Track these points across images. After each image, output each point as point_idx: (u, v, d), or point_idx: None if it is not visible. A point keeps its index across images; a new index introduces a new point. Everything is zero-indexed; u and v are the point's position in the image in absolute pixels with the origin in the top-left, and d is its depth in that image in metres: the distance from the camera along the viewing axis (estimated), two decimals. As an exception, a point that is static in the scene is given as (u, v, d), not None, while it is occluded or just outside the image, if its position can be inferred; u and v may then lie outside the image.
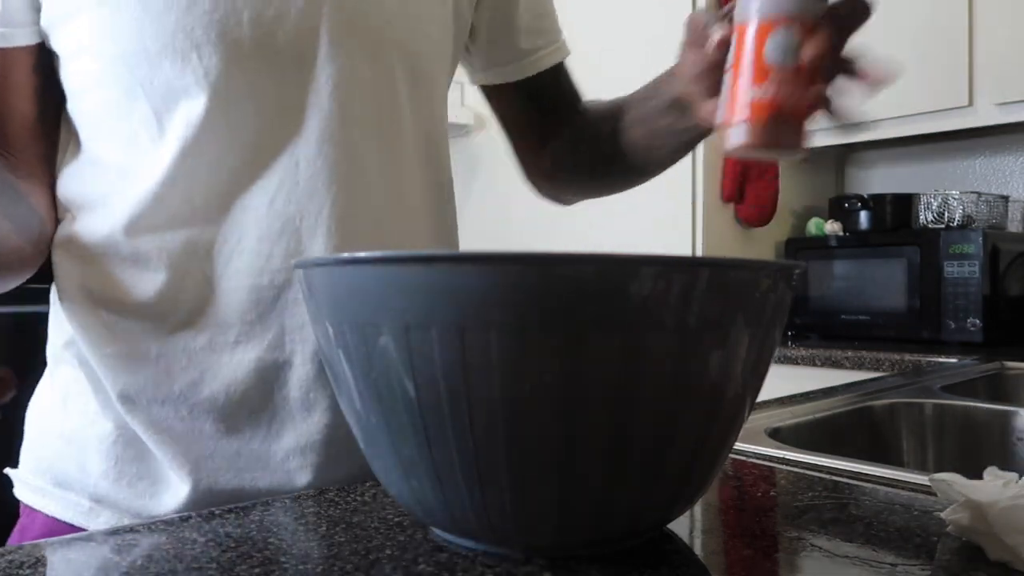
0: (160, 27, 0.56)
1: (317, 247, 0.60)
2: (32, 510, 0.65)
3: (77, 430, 0.64)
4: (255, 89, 0.58)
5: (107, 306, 0.61)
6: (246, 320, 0.60)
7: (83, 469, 0.63)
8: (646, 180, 0.80)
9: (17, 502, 0.67)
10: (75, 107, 0.62)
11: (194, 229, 0.59)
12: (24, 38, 0.60)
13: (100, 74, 0.59)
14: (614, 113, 0.77)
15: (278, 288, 0.60)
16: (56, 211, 0.65)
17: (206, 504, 0.60)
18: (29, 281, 0.64)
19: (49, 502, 0.64)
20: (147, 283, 0.60)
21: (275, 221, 0.59)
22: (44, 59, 0.61)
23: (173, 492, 0.61)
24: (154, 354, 0.60)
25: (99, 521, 0.62)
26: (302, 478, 0.62)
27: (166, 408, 0.60)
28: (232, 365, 0.60)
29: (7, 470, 0.68)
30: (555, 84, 0.83)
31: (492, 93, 0.84)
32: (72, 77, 0.61)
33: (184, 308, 0.60)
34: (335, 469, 0.63)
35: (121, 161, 0.60)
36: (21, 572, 0.40)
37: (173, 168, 0.58)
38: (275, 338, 0.60)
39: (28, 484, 0.66)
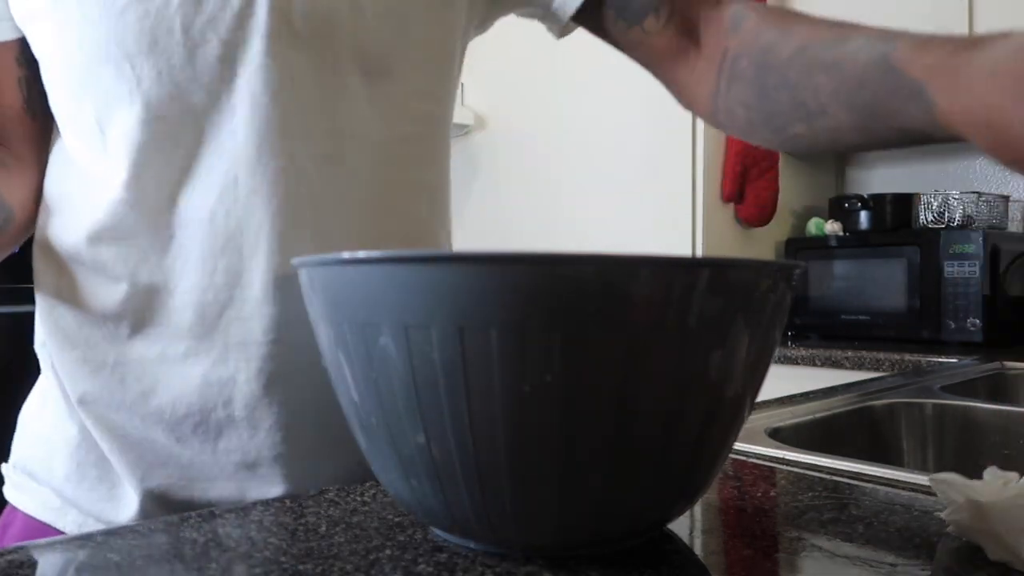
0: (96, 35, 0.55)
1: (258, 265, 0.57)
2: (13, 508, 0.66)
3: (49, 431, 0.65)
4: (189, 99, 0.56)
5: (71, 310, 0.61)
6: (194, 335, 0.59)
7: (50, 470, 0.64)
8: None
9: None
10: (51, 104, 0.62)
11: (147, 241, 0.58)
12: (4, 33, 0.61)
13: (55, 79, 0.60)
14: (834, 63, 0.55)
15: (221, 305, 0.58)
16: (38, 203, 0.65)
17: (158, 512, 0.60)
18: (29, 281, 0.64)
19: (26, 499, 0.65)
20: (106, 291, 0.60)
21: (217, 238, 0.57)
22: (28, 51, 0.62)
23: (128, 499, 0.62)
24: (111, 361, 0.60)
25: (67, 520, 0.63)
26: (253, 492, 0.61)
27: (120, 414, 0.60)
28: (181, 378, 0.59)
29: (1, 465, 0.69)
30: None
31: (600, 28, 0.69)
32: (44, 76, 0.62)
33: (140, 318, 0.60)
34: (291, 484, 0.62)
35: (82, 165, 0.61)
36: (20, 572, 0.40)
37: (121, 178, 0.57)
38: (219, 354, 0.59)
39: (10, 480, 0.67)
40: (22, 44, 0.61)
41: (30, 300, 0.65)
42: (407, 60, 0.63)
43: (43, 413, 0.66)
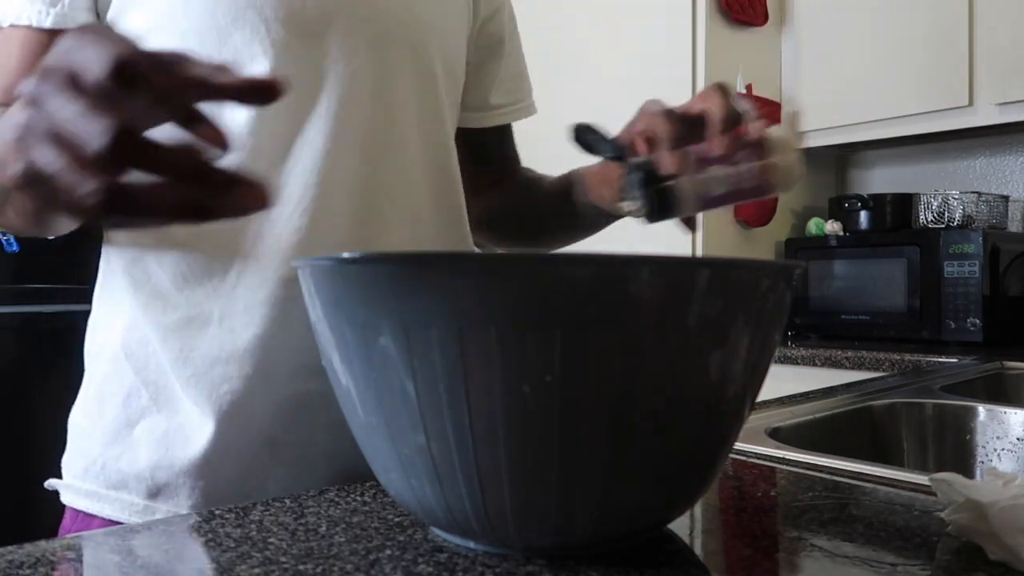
0: (232, 3, 0.62)
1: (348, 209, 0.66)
2: (85, 515, 0.66)
3: (124, 427, 0.65)
4: (310, 61, 0.64)
5: (170, 271, 0.64)
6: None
7: (136, 464, 0.64)
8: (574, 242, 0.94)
9: (59, 511, 0.67)
10: None
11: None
12: (82, 21, 0.63)
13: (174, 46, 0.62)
14: (556, 189, 0.89)
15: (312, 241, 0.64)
16: None
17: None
18: (29, 281, 0.64)
19: (104, 505, 0.65)
20: (211, 244, 0.63)
21: (325, 179, 0.64)
22: None
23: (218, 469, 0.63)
24: (217, 315, 0.63)
25: (155, 519, 0.62)
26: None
27: (230, 367, 0.63)
28: (293, 316, 0.63)
29: (51, 481, 0.69)
30: (505, 141, 0.92)
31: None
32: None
33: (243, 266, 0.63)
34: None
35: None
36: (21, 572, 0.40)
37: (239, 135, 0.62)
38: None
39: (78, 490, 0.67)
40: None
41: (30, 300, 0.66)
42: (460, 65, 0.78)
43: (102, 411, 0.66)
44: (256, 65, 0.62)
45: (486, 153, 0.90)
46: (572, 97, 2.36)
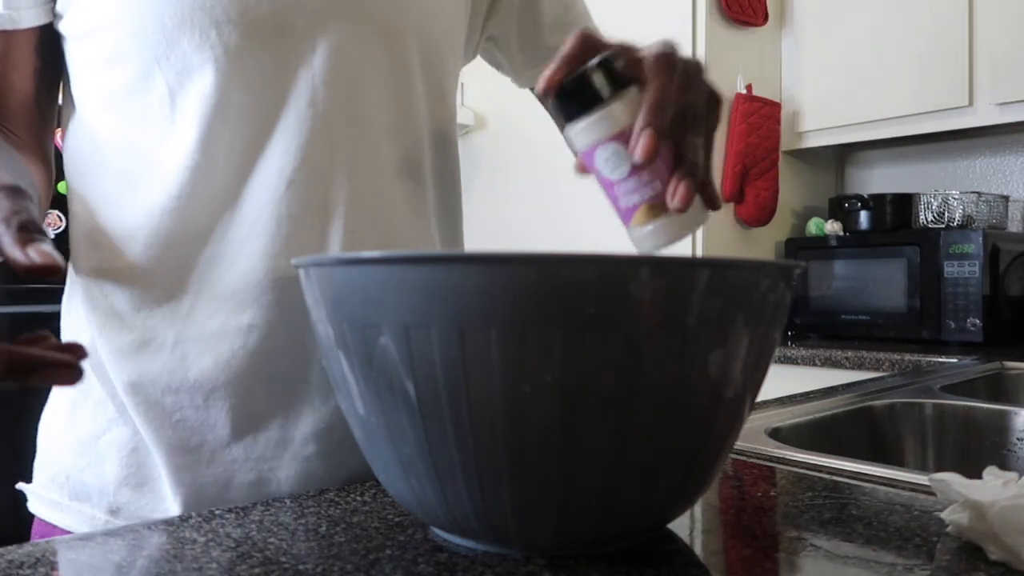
0: (180, 3, 0.56)
1: (336, 230, 0.60)
2: (48, 524, 0.64)
3: (90, 438, 0.63)
4: (269, 68, 0.58)
5: (126, 293, 0.61)
6: (260, 303, 0.59)
7: (101, 478, 0.62)
8: None
9: (31, 516, 0.66)
10: (83, 88, 0.62)
11: (214, 209, 0.58)
12: (28, 20, 0.61)
13: (115, 53, 0.59)
14: None
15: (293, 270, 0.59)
16: (49, 188, 0.65)
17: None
18: (26, 281, 0.64)
19: (65, 516, 0.63)
20: (167, 267, 0.59)
21: (293, 203, 0.59)
22: (45, 40, 0.62)
23: (170, 502, 0.60)
24: (171, 341, 0.60)
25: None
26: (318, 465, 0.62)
27: (180, 396, 0.60)
28: (245, 347, 0.59)
29: (20, 485, 0.68)
30: None
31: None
32: (82, 58, 0.61)
33: (200, 291, 0.59)
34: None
35: (134, 143, 0.60)
36: (21, 572, 0.40)
37: (191, 147, 0.58)
38: (288, 321, 0.60)
39: (43, 498, 0.65)
40: (41, 34, 0.62)
41: (30, 300, 0.65)
42: (449, 50, 0.70)
43: (75, 420, 0.64)
44: (205, 75, 0.57)
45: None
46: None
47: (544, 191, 2.44)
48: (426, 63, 0.66)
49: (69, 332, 0.66)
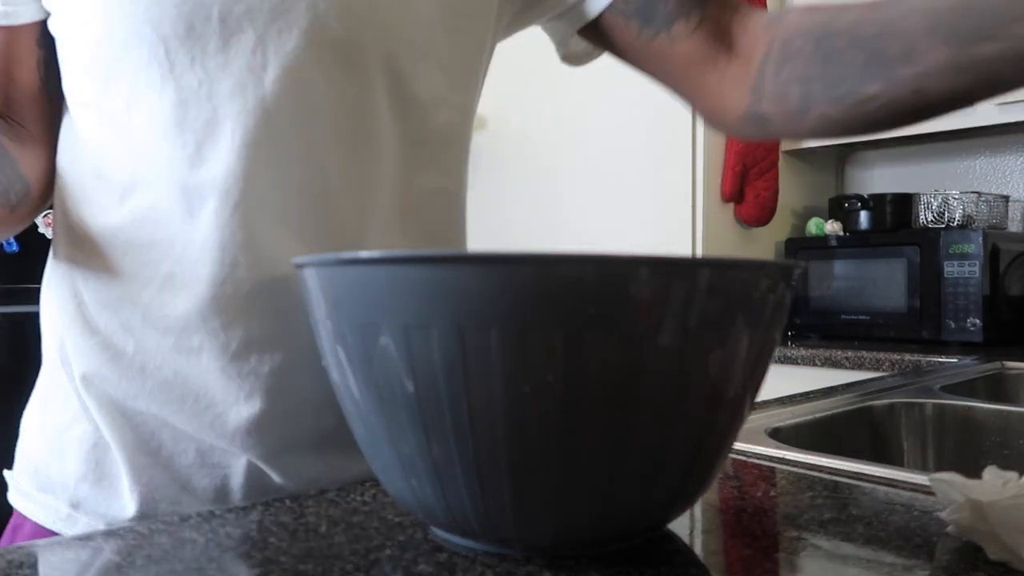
0: (128, 17, 0.55)
1: (277, 259, 0.57)
2: (20, 515, 0.65)
3: (56, 432, 0.63)
4: (218, 87, 0.56)
5: (94, 293, 0.61)
6: (208, 328, 0.58)
7: (63, 472, 0.63)
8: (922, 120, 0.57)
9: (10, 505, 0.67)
10: (67, 87, 0.62)
11: (164, 227, 0.58)
12: (27, 15, 0.61)
13: (83, 62, 0.59)
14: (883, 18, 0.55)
15: (239, 295, 0.57)
16: (53, 181, 0.65)
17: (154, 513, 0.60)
18: (28, 281, 0.64)
19: (33, 507, 0.64)
20: (125, 275, 0.59)
21: (236, 232, 0.56)
22: (48, 32, 0.62)
23: (127, 499, 0.61)
24: (131, 350, 0.59)
25: (76, 529, 0.61)
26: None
27: (139, 403, 0.59)
28: (199, 369, 0.59)
29: (6, 472, 0.68)
30: None
31: (618, 41, 0.68)
32: (63, 58, 0.61)
33: (152, 307, 0.59)
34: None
35: (102, 146, 0.60)
36: (20, 572, 0.40)
37: (138, 164, 0.57)
38: (237, 346, 0.59)
39: (17, 487, 0.66)
40: (42, 26, 0.62)
41: (29, 300, 0.65)
42: (423, 61, 0.63)
43: (46, 413, 0.65)
44: (153, 92, 0.55)
45: (646, 19, 0.66)
46: (573, 101, 2.37)
47: (545, 191, 2.44)
48: (393, 76, 0.61)
49: (45, 324, 0.66)
